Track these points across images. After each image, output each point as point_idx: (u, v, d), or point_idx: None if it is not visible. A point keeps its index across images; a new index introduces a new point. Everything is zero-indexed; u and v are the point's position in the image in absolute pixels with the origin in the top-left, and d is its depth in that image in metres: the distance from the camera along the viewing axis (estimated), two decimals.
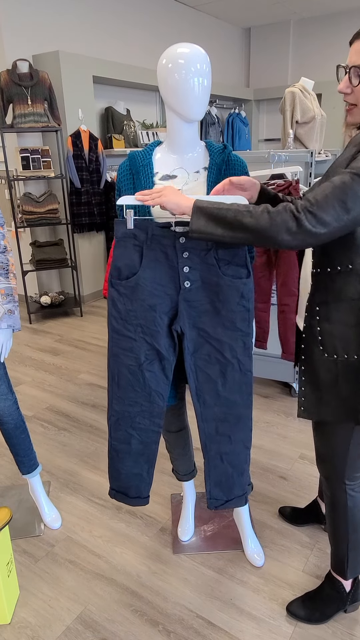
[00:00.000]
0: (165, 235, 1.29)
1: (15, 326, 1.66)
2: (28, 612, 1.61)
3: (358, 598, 1.56)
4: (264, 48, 6.99)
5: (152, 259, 1.31)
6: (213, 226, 1.13)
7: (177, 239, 1.29)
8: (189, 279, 1.32)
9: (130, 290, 1.32)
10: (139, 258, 1.31)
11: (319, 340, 1.26)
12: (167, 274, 1.32)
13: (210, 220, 1.13)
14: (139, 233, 1.30)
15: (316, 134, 3.22)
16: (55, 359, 3.60)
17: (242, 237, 1.12)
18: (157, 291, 1.33)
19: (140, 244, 1.30)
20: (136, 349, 1.37)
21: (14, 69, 3.82)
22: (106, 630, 1.54)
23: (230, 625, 1.54)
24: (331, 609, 1.55)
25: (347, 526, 1.44)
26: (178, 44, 1.30)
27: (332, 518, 1.47)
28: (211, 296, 1.34)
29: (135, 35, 5.28)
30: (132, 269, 1.32)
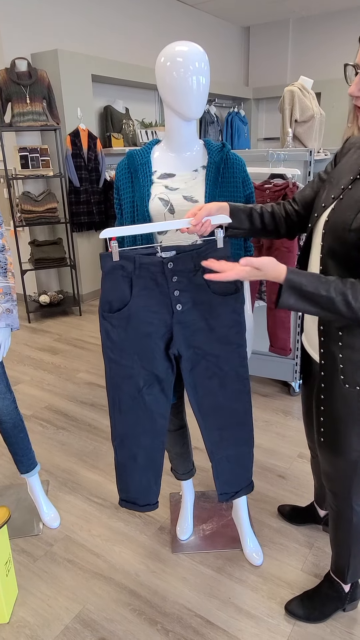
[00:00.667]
0: (153, 262, 1.27)
1: (13, 325, 1.66)
2: (27, 612, 1.61)
3: (356, 597, 1.56)
4: (263, 47, 6.98)
5: (142, 288, 1.30)
6: (302, 304, 1.08)
7: (165, 264, 1.28)
8: (180, 301, 1.32)
9: (123, 321, 1.32)
10: (129, 288, 1.30)
11: (340, 369, 1.18)
12: (158, 300, 1.31)
13: (301, 299, 1.07)
14: (126, 264, 1.27)
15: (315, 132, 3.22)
16: (54, 358, 3.60)
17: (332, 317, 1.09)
18: (151, 318, 1.32)
19: (129, 275, 1.28)
20: (135, 376, 1.38)
21: (12, 67, 3.81)
22: (105, 630, 1.54)
23: (229, 624, 1.54)
24: (330, 608, 1.55)
25: (350, 538, 1.43)
26: (176, 42, 1.30)
27: (336, 529, 1.46)
28: (204, 315, 1.34)
29: (134, 33, 5.27)
30: (123, 301, 1.30)
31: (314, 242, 1.22)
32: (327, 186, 1.23)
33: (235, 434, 1.50)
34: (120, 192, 1.44)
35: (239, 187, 1.41)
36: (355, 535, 1.43)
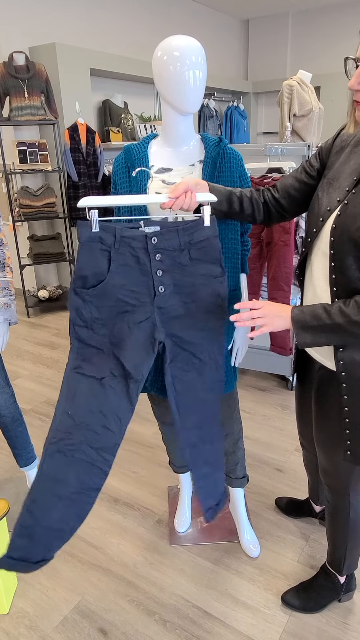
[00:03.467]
0: (136, 236, 1.17)
1: (11, 319, 1.67)
2: (26, 603, 1.63)
3: (351, 588, 1.58)
4: (262, 40, 6.94)
5: (121, 264, 1.18)
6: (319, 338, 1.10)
7: (149, 239, 1.18)
8: (163, 283, 1.22)
9: (96, 298, 1.19)
10: (107, 263, 1.18)
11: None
12: (139, 280, 1.20)
13: (315, 334, 1.09)
14: (105, 236, 1.16)
15: (314, 126, 3.22)
16: (52, 352, 3.61)
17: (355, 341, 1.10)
18: (128, 298, 1.20)
19: (108, 248, 1.17)
20: (100, 361, 1.22)
21: (10, 61, 3.79)
22: (103, 620, 1.56)
23: (226, 615, 1.56)
24: (325, 599, 1.56)
25: (346, 531, 1.45)
26: (173, 36, 1.29)
27: (332, 523, 1.47)
28: (185, 299, 1.25)
29: (132, 27, 5.24)
30: (99, 276, 1.18)
31: (317, 247, 1.19)
32: (326, 187, 1.19)
33: (211, 430, 1.37)
34: (117, 186, 1.44)
35: (236, 182, 1.41)
36: (352, 529, 1.44)
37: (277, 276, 2.47)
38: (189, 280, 1.23)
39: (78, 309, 1.20)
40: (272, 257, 2.47)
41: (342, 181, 1.15)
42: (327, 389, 1.28)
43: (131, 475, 2.23)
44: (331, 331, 1.08)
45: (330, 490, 1.41)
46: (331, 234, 1.12)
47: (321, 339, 1.10)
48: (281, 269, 2.45)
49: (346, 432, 1.24)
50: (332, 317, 1.07)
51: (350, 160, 1.16)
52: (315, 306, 1.11)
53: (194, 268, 1.23)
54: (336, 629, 1.51)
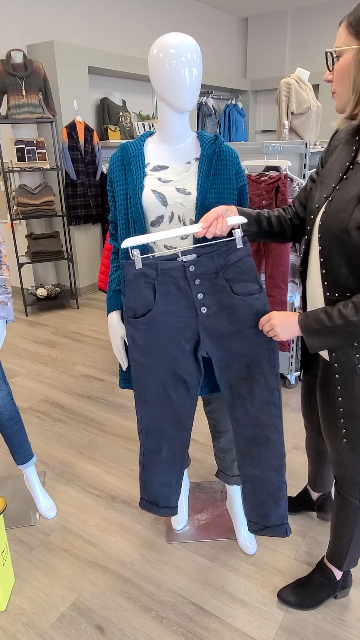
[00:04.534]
0: (174, 267, 1.29)
1: (8, 318, 1.67)
2: (23, 600, 1.63)
3: (347, 584, 1.58)
4: (261, 38, 6.93)
5: (165, 293, 1.31)
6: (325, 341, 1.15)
7: (187, 268, 1.30)
8: (205, 304, 1.33)
9: (147, 325, 1.33)
10: (153, 294, 1.31)
11: (358, 368, 1.18)
12: (182, 304, 1.32)
13: (321, 337, 1.14)
14: (148, 271, 1.29)
15: (312, 125, 3.21)
16: (51, 351, 3.61)
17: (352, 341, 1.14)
18: (175, 322, 1.33)
19: (152, 281, 1.30)
20: (162, 376, 1.39)
21: (8, 59, 3.79)
22: (100, 617, 1.56)
23: (222, 611, 1.57)
24: (321, 596, 1.57)
25: (353, 526, 1.44)
26: (169, 33, 1.29)
27: (338, 516, 1.46)
28: (228, 318, 1.34)
29: (131, 25, 5.23)
30: (147, 306, 1.32)
31: (312, 244, 1.23)
32: (319, 186, 1.22)
33: (261, 452, 1.45)
34: (113, 184, 1.44)
35: (232, 179, 1.41)
36: (358, 524, 1.44)
37: (274, 274, 2.47)
38: (228, 300, 1.33)
39: (133, 338, 1.35)
40: (269, 255, 2.47)
41: (331, 178, 1.18)
42: (327, 378, 1.31)
43: (129, 473, 2.23)
44: (334, 333, 1.12)
45: (340, 483, 1.41)
46: (319, 230, 1.16)
47: (328, 341, 1.14)
48: (278, 267, 2.45)
49: (341, 421, 1.27)
50: (333, 319, 1.10)
51: (339, 158, 1.18)
52: (318, 310, 1.15)
53: (232, 288, 1.33)
54: (332, 625, 1.51)
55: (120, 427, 2.60)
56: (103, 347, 3.64)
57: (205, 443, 2.43)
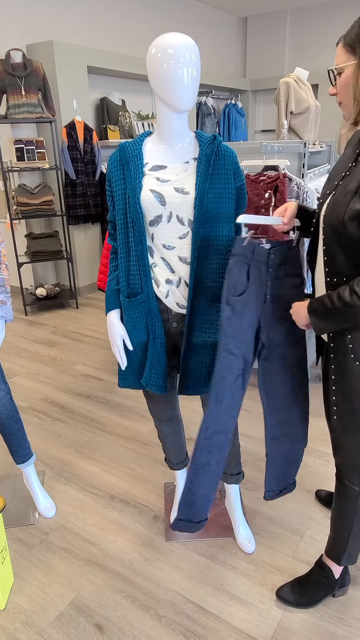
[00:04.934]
0: (262, 252, 1.35)
1: (7, 317, 1.67)
2: (22, 598, 1.64)
3: (345, 583, 1.59)
4: (260, 38, 6.93)
5: (255, 276, 1.37)
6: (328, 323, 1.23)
7: (270, 255, 1.35)
8: (269, 293, 1.39)
9: (241, 306, 1.37)
10: (247, 276, 1.36)
11: (349, 348, 1.25)
12: (259, 290, 1.38)
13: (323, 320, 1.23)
14: (247, 252, 1.34)
15: (311, 124, 3.21)
16: (50, 350, 3.61)
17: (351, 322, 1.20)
18: (255, 306, 1.39)
19: (248, 262, 1.35)
20: (235, 365, 1.41)
21: (7, 58, 3.79)
22: (99, 616, 1.57)
23: (221, 610, 1.57)
24: (320, 594, 1.58)
25: (353, 518, 1.45)
26: (167, 33, 1.30)
27: (339, 507, 1.47)
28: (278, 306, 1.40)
29: (130, 24, 5.23)
30: (243, 286, 1.37)
31: (319, 235, 1.31)
32: (326, 183, 1.31)
33: (294, 430, 1.55)
34: (112, 183, 1.44)
35: (230, 179, 1.41)
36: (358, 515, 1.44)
37: None
38: (281, 290, 1.40)
39: (230, 320, 1.37)
40: None
41: (335, 176, 1.27)
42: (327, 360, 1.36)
43: (128, 472, 2.24)
44: (334, 315, 1.20)
45: (339, 471, 1.43)
46: (322, 222, 1.24)
47: (330, 323, 1.22)
48: None
49: (333, 399, 1.34)
50: (333, 302, 1.19)
51: (344, 158, 1.27)
52: (323, 295, 1.23)
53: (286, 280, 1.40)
54: (330, 624, 1.52)
55: (120, 426, 2.61)
56: (102, 347, 3.65)
57: None
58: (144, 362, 1.55)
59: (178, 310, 1.47)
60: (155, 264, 1.44)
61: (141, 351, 1.53)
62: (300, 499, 2.04)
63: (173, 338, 1.53)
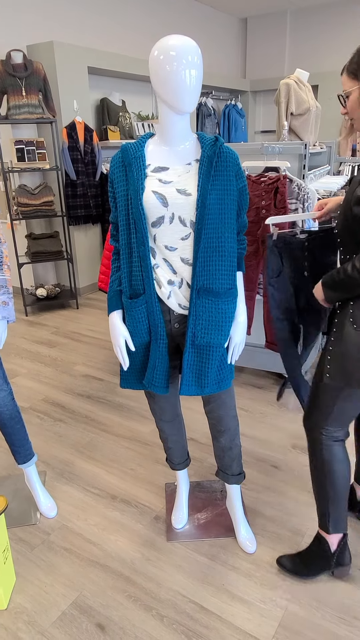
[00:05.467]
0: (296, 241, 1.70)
1: (9, 318, 1.68)
2: (24, 598, 1.64)
3: (345, 562, 1.63)
4: (260, 39, 6.94)
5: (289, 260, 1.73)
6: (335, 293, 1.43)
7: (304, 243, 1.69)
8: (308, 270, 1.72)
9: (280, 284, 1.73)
10: (281, 261, 1.72)
11: (350, 313, 1.43)
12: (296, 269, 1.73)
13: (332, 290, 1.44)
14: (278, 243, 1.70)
15: (311, 125, 3.22)
16: (51, 351, 3.62)
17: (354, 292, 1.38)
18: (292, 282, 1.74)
19: (280, 251, 1.71)
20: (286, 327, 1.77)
21: (7, 59, 3.79)
22: (101, 615, 1.57)
23: (222, 610, 1.58)
24: (317, 567, 1.65)
25: (326, 481, 1.57)
26: (169, 35, 1.30)
27: (314, 474, 1.61)
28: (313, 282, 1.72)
29: (130, 25, 5.24)
30: (279, 269, 1.72)
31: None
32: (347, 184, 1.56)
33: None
34: (114, 185, 1.45)
35: (232, 180, 1.42)
36: (331, 480, 1.56)
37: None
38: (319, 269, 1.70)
39: (273, 295, 1.73)
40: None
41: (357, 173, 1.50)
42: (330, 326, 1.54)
43: (129, 473, 2.24)
44: (340, 285, 1.39)
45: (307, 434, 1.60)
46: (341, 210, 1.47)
47: (337, 293, 1.42)
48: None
49: (328, 359, 1.48)
50: (340, 274, 1.38)
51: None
52: (333, 270, 1.43)
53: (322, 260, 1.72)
54: (332, 624, 1.52)
55: (120, 426, 2.61)
56: (103, 347, 3.65)
57: (205, 443, 2.44)
58: (145, 362, 1.55)
59: (180, 311, 1.47)
60: (158, 265, 1.44)
61: (143, 352, 1.53)
62: (300, 500, 2.04)
63: (175, 339, 1.54)
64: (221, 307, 1.46)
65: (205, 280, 1.43)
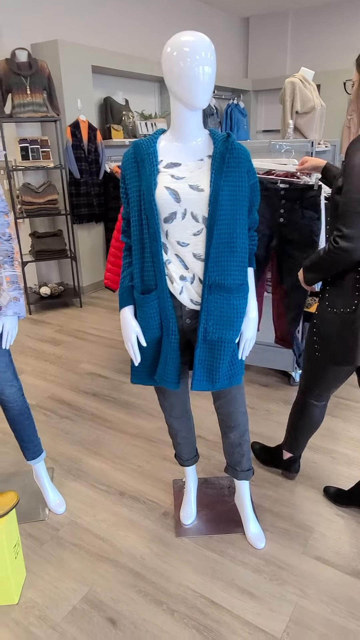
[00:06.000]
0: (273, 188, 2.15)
1: (20, 314, 1.68)
2: (35, 593, 1.65)
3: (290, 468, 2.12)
4: (262, 38, 6.95)
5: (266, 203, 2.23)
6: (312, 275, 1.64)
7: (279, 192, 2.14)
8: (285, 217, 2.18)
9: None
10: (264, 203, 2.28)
11: (326, 297, 1.65)
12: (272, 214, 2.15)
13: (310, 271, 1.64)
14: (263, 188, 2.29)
15: (316, 124, 3.23)
16: (55, 349, 3.62)
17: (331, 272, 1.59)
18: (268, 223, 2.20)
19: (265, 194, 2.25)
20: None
21: (12, 57, 3.80)
22: (112, 610, 1.58)
23: (233, 605, 1.58)
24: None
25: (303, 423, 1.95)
26: (182, 32, 1.31)
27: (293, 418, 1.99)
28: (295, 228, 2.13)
29: (133, 24, 5.24)
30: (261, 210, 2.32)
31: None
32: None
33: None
34: (126, 181, 1.46)
35: (244, 177, 1.42)
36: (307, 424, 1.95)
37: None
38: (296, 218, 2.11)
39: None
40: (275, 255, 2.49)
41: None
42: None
43: (136, 469, 2.25)
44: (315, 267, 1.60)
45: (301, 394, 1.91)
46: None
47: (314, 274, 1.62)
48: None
49: (314, 339, 1.71)
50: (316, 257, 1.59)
51: None
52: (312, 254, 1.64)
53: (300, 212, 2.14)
54: (342, 618, 1.53)
55: (126, 423, 2.62)
56: (107, 345, 3.66)
57: (211, 440, 2.45)
58: (156, 358, 1.56)
59: (192, 306, 1.48)
60: (170, 261, 1.45)
61: (154, 347, 1.54)
62: (308, 496, 2.05)
63: (186, 334, 1.54)
64: (233, 303, 1.46)
65: (217, 276, 1.43)
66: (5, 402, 1.80)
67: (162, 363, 1.52)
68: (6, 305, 1.64)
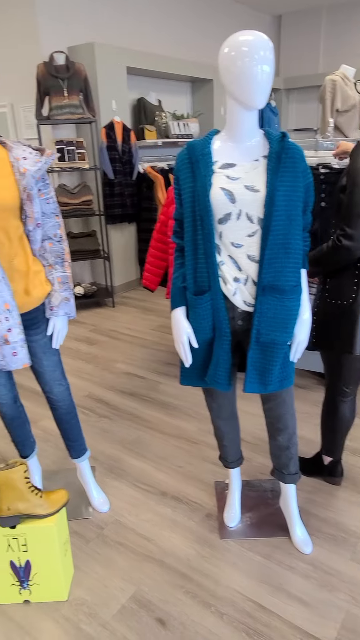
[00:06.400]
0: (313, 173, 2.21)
1: (71, 314, 1.70)
2: (83, 590, 1.66)
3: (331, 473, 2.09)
4: (294, 36, 6.87)
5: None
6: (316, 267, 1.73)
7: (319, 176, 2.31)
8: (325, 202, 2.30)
9: None
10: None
11: (327, 289, 1.74)
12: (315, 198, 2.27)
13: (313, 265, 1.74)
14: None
15: (356, 122, 3.17)
16: (91, 348, 3.66)
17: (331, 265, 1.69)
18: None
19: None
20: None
21: (50, 61, 3.85)
22: (160, 610, 1.58)
23: (282, 609, 1.57)
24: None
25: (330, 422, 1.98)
26: (240, 31, 1.30)
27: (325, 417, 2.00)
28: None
29: (167, 25, 5.25)
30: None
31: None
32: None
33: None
34: (180, 182, 1.45)
35: (299, 177, 1.40)
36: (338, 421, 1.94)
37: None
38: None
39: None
40: None
41: None
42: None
43: (177, 470, 2.25)
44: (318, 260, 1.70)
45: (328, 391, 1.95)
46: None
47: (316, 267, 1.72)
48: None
49: (313, 326, 1.82)
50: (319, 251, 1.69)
51: None
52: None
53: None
54: None
55: (166, 424, 2.62)
56: (141, 346, 3.67)
57: (252, 442, 2.43)
58: (207, 360, 1.55)
59: (244, 308, 1.47)
60: (223, 262, 1.44)
61: (205, 349, 1.54)
62: (353, 501, 2.01)
63: (238, 336, 1.53)
64: (287, 305, 1.45)
65: (272, 277, 1.42)
66: (54, 401, 1.82)
67: (213, 364, 1.51)
68: (58, 306, 1.66)
